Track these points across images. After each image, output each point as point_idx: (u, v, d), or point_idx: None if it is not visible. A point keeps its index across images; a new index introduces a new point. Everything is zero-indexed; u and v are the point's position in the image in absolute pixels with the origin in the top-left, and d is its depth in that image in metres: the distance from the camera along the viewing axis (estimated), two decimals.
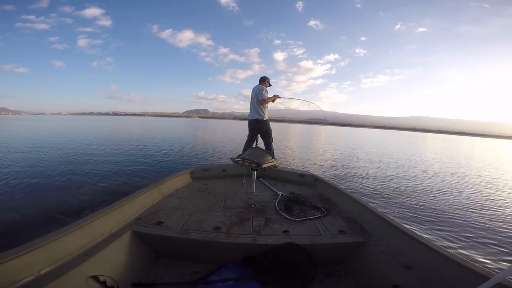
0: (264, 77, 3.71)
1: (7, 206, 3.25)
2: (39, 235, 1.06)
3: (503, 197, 5.38)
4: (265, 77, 3.71)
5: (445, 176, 7.59)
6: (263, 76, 3.72)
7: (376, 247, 1.31)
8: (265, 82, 3.68)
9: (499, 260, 2.60)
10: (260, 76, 3.73)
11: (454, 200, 4.85)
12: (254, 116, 3.57)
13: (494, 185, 6.71)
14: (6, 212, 3.03)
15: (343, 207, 1.91)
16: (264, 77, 3.71)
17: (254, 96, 3.56)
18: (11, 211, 3.08)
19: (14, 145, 9.23)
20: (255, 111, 3.57)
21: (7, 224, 2.72)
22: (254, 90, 3.62)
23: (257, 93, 3.52)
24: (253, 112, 3.59)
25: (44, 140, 11.14)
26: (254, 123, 3.60)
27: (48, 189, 4.03)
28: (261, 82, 3.66)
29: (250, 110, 3.66)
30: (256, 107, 3.55)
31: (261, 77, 3.71)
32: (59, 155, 7.25)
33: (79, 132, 17.56)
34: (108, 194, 3.89)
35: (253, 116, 3.59)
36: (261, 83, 3.66)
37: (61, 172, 5.18)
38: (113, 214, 1.41)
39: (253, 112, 3.60)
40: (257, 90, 3.56)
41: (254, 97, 3.56)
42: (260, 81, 3.69)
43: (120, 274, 1.11)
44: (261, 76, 3.72)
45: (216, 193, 2.20)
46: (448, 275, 1.00)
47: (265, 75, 3.73)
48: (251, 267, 1.26)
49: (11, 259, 0.88)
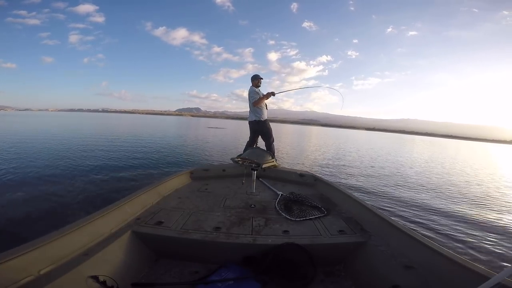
0: (253, 76, 3.63)
1: (7, 206, 3.25)
2: (39, 235, 1.06)
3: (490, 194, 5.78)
4: (254, 76, 3.63)
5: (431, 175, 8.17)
6: (252, 76, 3.65)
7: (376, 247, 1.31)
8: (256, 81, 3.61)
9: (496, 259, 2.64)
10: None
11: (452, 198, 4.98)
12: (252, 118, 3.57)
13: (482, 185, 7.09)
14: (6, 212, 3.03)
15: (343, 207, 1.91)
16: (253, 76, 3.63)
17: (249, 99, 3.56)
18: (11, 211, 3.08)
19: (10, 141, 9.22)
20: (252, 113, 3.58)
21: (7, 224, 2.72)
22: (248, 92, 3.61)
23: (249, 97, 3.53)
24: (251, 113, 3.59)
25: (39, 137, 11.13)
26: (253, 124, 3.60)
27: (48, 189, 4.02)
28: (252, 83, 3.63)
29: (249, 112, 3.67)
30: (252, 109, 3.55)
31: (251, 77, 3.66)
32: (58, 155, 7.24)
33: (73, 130, 17.50)
34: (108, 194, 3.89)
35: (251, 118, 3.59)
36: (252, 83, 3.62)
37: (60, 172, 5.17)
38: (113, 214, 1.41)
39: (251, 114, 3.60)
40: (248, 94, 3.56)
41: (249, 100, 3.56)
42: (251, 82, 3.65)
43: (120, 274, 1.11)
44: (251, 77, 3.66)
45: (216, 193, 2.20)
46: (448, 275, 1.00)
47: (255, 74, 3.66)
48: (251, 267, 1.26)
49: (11, 259, 0.88)
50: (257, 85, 3.62)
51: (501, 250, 2.83)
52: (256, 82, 3.62)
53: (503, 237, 3.18)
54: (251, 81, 3.65)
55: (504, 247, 2.90)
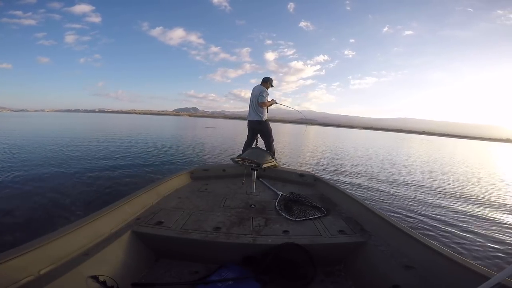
0: (267, 78, 3.58)
1: (7, 206, 3.24)
2: (39, 235, 1.06)
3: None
4: (268, 78, 3.57)
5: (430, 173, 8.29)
6: (266, 77, 3.58)
7: (376, 247, 1.31)
8: (267, 83, 3.55)
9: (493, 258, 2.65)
10: (264, 77, 3.59)
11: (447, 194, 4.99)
12: (254, 117, 3.49)
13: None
14: (5, 212, 3.03)
15: (343, 207, 1.91)
16: (267, 78, 3.57)
17: (254, 97, 3.46)
18: (10, 211, 3.08)
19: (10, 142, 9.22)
20: (254, 112, 3.47)
21: (7, 224, 2.72)
22: (254, 91, 3.51)
23: (257, 94, 3.41)
24: (253, 113, 3.50)
25: (39, 137, 11.13)
26: (254, 124, 3.52)
27: (48, 189, 4.02)
28: (263, 83, 3.55)
29: (249, 111, 3.56)
30: (256, 109, 3.46)
31: (264, 78, 3.59)
32: (58, 155, 7.24)
33: (71, 130, 17.40)
34: (108, 194, 3.89)
35: (253, 117, 3.50)
36: (263, 84, 3.55)
37: (60, 172, 5.17)
38: (113, 214, 1.41)
39: (252, 113, 3.50)
40: (257, 92, 3.45)
41: (254, 98, 3.46)
42: (263, 81, 3.57)
43: (120, 274, 1.11)
44: (264, 77, 3.58)
45: (216, 193, 2.20)
46: (448, 275, 1.00)
47: (268, 76, 3.59)
48: (251, 267, 1.26)
49: (11, 259, 0.88)
50: (267, 88, 3.54)
51: (501, 250, 2.84)
52: (268, 84, 3.54)
53: (502, 236, 3.19)
54: (263, 82, 3.54)
55: (504, 247, 2.90)
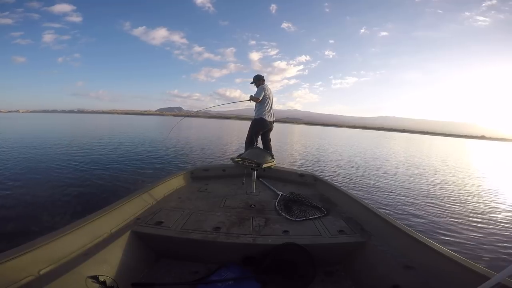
0: (260, 75, 3.49)
1: (7, 206, 3.24)
2: (39, 235, 1.06)
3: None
4: (260, 76, 3.48)
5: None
6: (258, 74, 3.50)
7: (376, 247, 1.31)
8: (259, 81, 3.45)
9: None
10: (257, 74, 3.52)
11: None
12: (272, 118, 3.38)
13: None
14: (5, 213, 3.03)
15: (343, 207, 1.91)
16: (260, 76, 3.48)
17: (272, 98, 3.37)
18: (10, 212, 3.08)
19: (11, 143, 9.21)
20: (269, 113, 3.33)
21: (7, 224, 2.72)
22: (271, 92, 3.39)
23: (261, 95, 3.25)
24: (268, 113, 3.33)
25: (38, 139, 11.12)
26: (270, 124, 3.40)
27: (48, 189, 4.02)
28: (257, 82, 3.47)
29: (271, 112, 3.38)
30: (271, 109, 3.35)
31: (257, 76, 3.49)
32: (57, 155, 7.24)
33: (51, 131, 17.11)
34: (108, 194, 3.89)
35: (270, 118, 3.36)
36: (256, 82, 3.47)
37: (60, 172, 5.18)
38: (113, 214, 1.41)
39: (267, 114, 3.32)
40: (269, 91, 3.35)
41: (272, 98, 3.38)
42: (256, 80, 3.48)
43: (120, 274, 1.11)
44: (257, 74, 3.52)
45: (216, 193, 2.20)
46: (448, 275, 1.00)
47: (260, 74, 3.52)
48: (251, 267, 1.26)
49: (11, 259, 0.88)
50: (259, 85, 3.43)
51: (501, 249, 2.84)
52: (260, 82, 3.44)
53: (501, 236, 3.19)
54: (257, 80, 3.45)
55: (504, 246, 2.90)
